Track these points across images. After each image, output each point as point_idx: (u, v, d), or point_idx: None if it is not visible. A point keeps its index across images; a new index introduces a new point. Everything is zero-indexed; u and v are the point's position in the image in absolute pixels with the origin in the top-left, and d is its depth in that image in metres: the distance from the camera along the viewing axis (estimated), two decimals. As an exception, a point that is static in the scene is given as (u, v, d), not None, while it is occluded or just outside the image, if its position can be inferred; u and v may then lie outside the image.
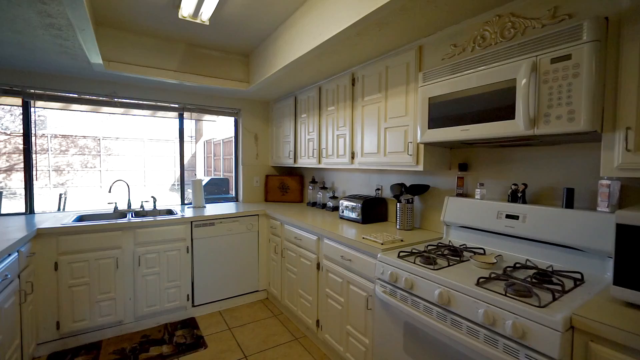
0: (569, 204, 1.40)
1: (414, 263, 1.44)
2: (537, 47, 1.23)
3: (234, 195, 3.74)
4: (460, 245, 1.72)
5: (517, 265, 1.38)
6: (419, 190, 2.06)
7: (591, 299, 1.06)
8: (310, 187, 3.29)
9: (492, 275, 1.25)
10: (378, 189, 2.55)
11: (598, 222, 1.27)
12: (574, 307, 0.99)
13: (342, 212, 2.50)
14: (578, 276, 1.27)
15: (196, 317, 2.72)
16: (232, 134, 3.76)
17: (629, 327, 0.86)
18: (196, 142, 6.08)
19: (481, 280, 1.20)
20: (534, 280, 1.21)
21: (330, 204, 2.96)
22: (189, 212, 2.81)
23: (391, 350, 1.51)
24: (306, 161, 2.94)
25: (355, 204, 2.37)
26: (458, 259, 1.48)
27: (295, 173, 3.79)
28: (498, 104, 1.35)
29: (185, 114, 3.28)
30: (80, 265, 2.25)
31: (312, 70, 2.45)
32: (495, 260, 1.40)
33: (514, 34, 1.37)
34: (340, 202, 2.53)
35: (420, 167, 1.82)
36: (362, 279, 1.78)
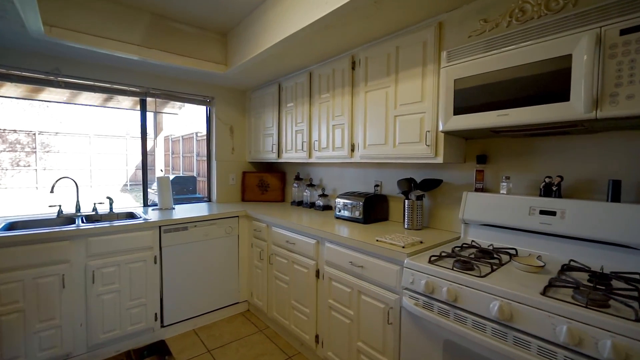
0: (616, 197, 1.27)
1: (453, 269, 1.22)
2: (600, 17, 1.06)
3: (206, 195, 3.30)
4: (487, 246, 1.55)
5: (565, 267, 1.22)
6: (431, 185, 1.87)
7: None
8: (295, 185, 2.98)
9: (556, 283, 1.07)
10: (377, 185, 2.33)
11: (652, 217, 1.15)
12: (675, 320, 0.83)
13: (339, 211, 2.24)
14: (636, 276, 1.13)
15: (167, 339, 2.28)
16: (194, 129, 3.34)
17: None
18: (155, 138, 5.44)
19: (548, 288, 1.01)
20: (598, 286, 1.04)
21: (319, 202, 2.68)
22: (154, 215, 2.36)
23: (425, 374, 1.28)
24: (293, 155, 2.64)
25: (355, 202, 2.12)
26: (498, 262, 1.29)
27: (276, 169, 3.46)
28: (547, 85, 1.17)
29: (149, 102, 2.79)
30: (10, 288, 1.73)
31: (304, 52, 2.15)
32: (544, 263, 1.23)
33: (563, 5, 1.20)
34: (336, 200, 2.27)
35: (440, 159, 1.62)
36: (380, 289, 1.53)
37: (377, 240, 1.60)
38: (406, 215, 1.93)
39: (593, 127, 1.25)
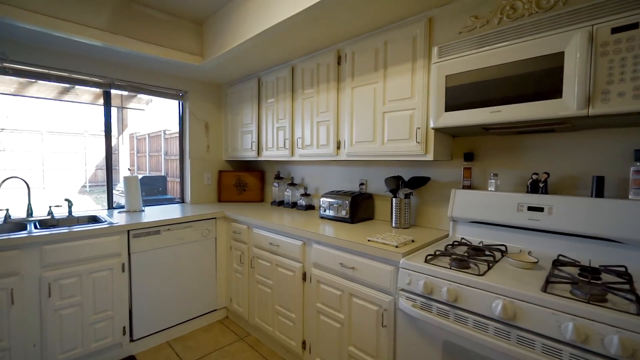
0: (599, 192, 1.31)
1: (451, 268, 1.20)
2: (592, 16, 1.08)
3: (178, 195, 3.08)
4: (478, 243, 1.55)
5: (556, 262, 1.24)
6: (419, 183, 1.85)
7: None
8: (276, 184, 2.87)
9: (553, 279, 1.07)
10: (362, 184, 2.29)
11: (635, 211, 1.20)
12: (673, 312, 0.85)
13: (324, 210, 2.17)
14: (621, 269, 1.17)
15: (137, 354, 2.08)
16: (162, 127, 3.12)
17: None
18: (120, 135, 5.06)
19: (547, 285, 1.01)
20: (593, 280, 1.06)
21: (302, 202, 2.59)
22: (121, 219, 2.15)
23: (422, 377, 1.25)
24: (274, 154, 2.53)
25: (341, 201, 2.06)
26: (492, 259, 1.28)
27: (255, 168, 3.32)
28: (540, 82, 1.18)
29: (114, 96, 2.55)
30: (-56, 307, 1.47)
31: (286, 45, 2.06)
32: (537, 259, 1.23)
33: (554, 4, 1.22)
34: (321, 199, 2.19)
35: (430, 157, 1.59)
36: (373, 291, 1.48)
37: (368, 240, 1.55)
38: (394, 214, 1.90)
39: (581, 125, 1.27)
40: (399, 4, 1.53)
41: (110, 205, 2.59)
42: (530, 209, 1.43)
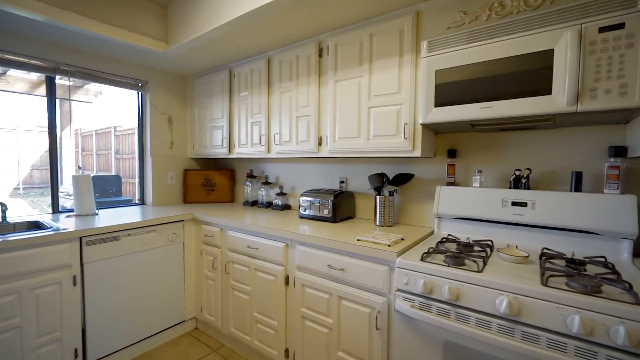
0: (578, 187, 1.38)
1: (450, 266, 1.17)
2: (581, 14, 1.11)
3: (137, 196, 2.78)
4: (465, 239, 1.56)
5: (543, 255, 1.27)
6: (403, 180, 1.83)
7: (657, 285, 0.99)
8: (248, 183, 2.70)
9: (548, 272, 1.08)
10: (342, 182, 2.22)
11: (611, 204, 1.26)
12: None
13: (304, 210, 2.07)
14: (601, 259, 1.22)
15: (92, 379, 1.81)
16: (113, 123, 2.84)
17: None
18: (62, 130, 4.49)
19: (548, 279, 1.01)
20: (582, 272, 1.09)
21: (278, 202, 2.47)
22: (71, 224, 1.86)
23: (421, 379, 1.20)
24: (248, 150, 2.37)
25: (323, 200, 1.98)
26: (485, 255, 1.28)
27: (224, 166, 3.11)
28: (529, 79, 1.20)
29: (58, 86, 2.21)
30: None
31: (262, 34, 1.93)
32: (527, 254, 1.25)
33: (541, 2, 1.24)
34: (301, 198, 2.09)
35: (418, 153, 1.57)
36: (365, 293, 1.41)
37: (358, 240, 1.48)
38: (378, 212, 1.86)
39: (561, 122, 1.32)
40: (387, -5, 1.49)
41: (56, 209, 2.24)
42: (514, 204, 1.47)
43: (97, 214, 2.19)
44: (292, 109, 2.07)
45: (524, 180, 1.49)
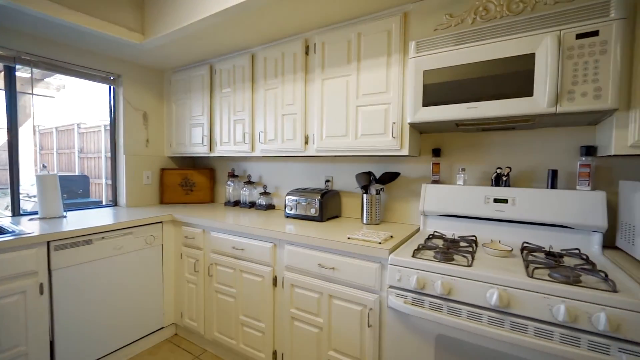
0: (554, 184, 1.46)
1: (440, 262, 1.20)
2: (560, 21, 1.18)
3: (109, 197, 2.62)
4: (451, 235, 1.60)
5: (524, 249, 1.34)
6: (389, 179, 1.86)
7: (633, 274, 1.07)
8: (230, 183, 2.63)
9: (531, 265, 1.14)
10: (328, 181, 2.22)
11: (582, 200, 1.35)
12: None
13: (290, 209, 2.04)
14: (576, 251, 1.31)
15: (62, 395, 1.68)
16: (76, 120, 2.66)
17: None
18: (19, 126, 4.11)
19: (534, 271, 1.06)
20: (561, 264, 1.16)
21: (261, 201, 2.42)
22: (35, 227, 1.72)
23: (414, 374, 1.22)
24: (231, 149, 2.30)
25: (310, 199, 1.96)
26: (472, 250, 1.33)
27: (203, 165, 3.00)
28: (513, 81, 1.25)
29: (18, 78, 2.03)
30: None
31: (246, 29, 1.88)
32: (511, 248, 1.31)
33: (523, 8, 1.30)
34: (287, 197, 2.06)
35: (406, 151, 1.60)
36: (357, 291, 1.42)
37: (349, 238, 1.48)
38: (365, 210, 1.87)
39: (539, 123, 1.40)
40: (376, -5, 1.50)
41: (17, 212, 2.05)
42: (496, 200, 1.53)
43: (65, 217, 2.03)
44: (277, 106, 2.04)
45: (504, 178, 1.56)
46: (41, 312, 1.60)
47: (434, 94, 1.42)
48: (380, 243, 1.40)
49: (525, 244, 1.42)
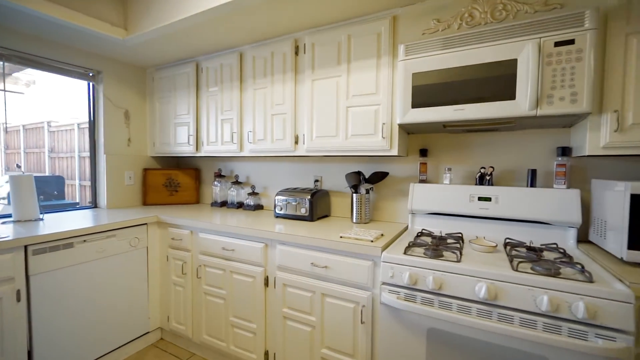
0: (533, 183, 1.55)
1: (431, 258, 1.24)
2: (540, 29, 1.25)
3: (89, 199, 2.51)
4: (439, 233, 1.66)
5: (507, 244, 1.41)
6: (378, 178, 1.90)
7: (606, 265, 1.16)
8: (216, 183, 2.59)
9: (515, 259, 1.20)
10: (317, 181, 2.24)
11: (559, 198, 1.45)
12: (613, 277, 1.04)
13: (280, 209, 2.05)
14: (554, 246, 1.40)
15: (42, 406, 1.60)
16: (45, 117, 2.56)
17: (673, 286, 0.94)
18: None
19: (518, 264, 1.13)
20: (542, 257, 1.23)
21: (249, 202, 2.40)
22: (9, 231, 1.63)
23: (406, 367, 1.26)
24: (218, 149, 2.27)
25: (300, 199, 1.97)
26: (459, 246, 1.39)
27: (187, 165, 2.94)
28: (497, 84, 1.32)
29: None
30: None
31: (237, 28, 1.87)
32: (495, 243, 1.38)
33: (505, 16, 1.38)
34: (276, 197, 2.06)
35: (395, 152, 1.64)
36: (349, 288, 1.44)
37: (341, 237, 1.51)
38: (355, 209, 1.90)
39: (520, 125, 1.48)
40: (363, 0, 1.54)
41: (-12, 215, 1.94)
42: (480, 199, 1.60)
43: (42, 219, 1.94)
44: (266, 106, 2.04)
45: (488, 178, 1.64)
46: (18, 320, 1.52)
47: (422, 96, 1.47)
48: (372, 241, 1.43)
49: (507, 240, 1.50)
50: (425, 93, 1.46)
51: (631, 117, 1.18)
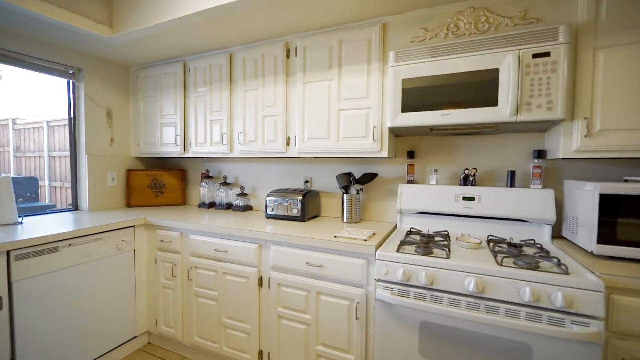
0: (512, 183, 1.66)
1: (423, 255, 1.31)
2: (520, 42, 1.35)
3: (70, 201, 2.42)
4: (426, 231, 1.75)
5: (491, 241, 1.51)
6: (368, 179, 1.96)
7: (578, 259, 1.27)
8: (204, 184, 2.57)
9: (501, 255, 1.30)
10: (307, 181, 2.28)
11: (536, 197, 1.57)
12: (586, 269, 1.15)
13: (272, 210, 2.07)
14: (532, 241, 1.51)
15: (26, 418, 1.54)
16: (11, 114, 2.48)
17: (638, 275, 1.06)
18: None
19: (502, 259, 1.22)
20: (522, 252, 1.33)
21: (239, 202, 2.41)
22: (-10, 236, 1.56)
23: (401, 358, 1.33)
24: (207, 150, 2.26)
25: (292, 200, 2.00)
26: (447, 244, 1.47)
27: (172, 166, 2.89)
28: (480, 91, 1.41)
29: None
30: None
31: (227, 29, 1.87)
32: (480, 240, 1.47)
33: (488, 28, 1.47)
34: (267, 198, 2.08)
35: (385, 154, 1.71)
36: (344, 286, 1.49)
37: (335, 237, 1.55)
38: (345, 209, 1.96)
39: (501, 129, 1.58)
40: (353, 8, 1.59)
41: (-40, 219, 1.83)
42: (464, 198, 1.70)
43: (22, 223, 1.85)
44: (257, 107, 2.05)
45: (471, 178, 1.74)
46: (1, 328, 1.46)
47: (412, 100, 1.54)
48: (365, 240, 1.49)
49: (490, 237, 1.60)
50: (415, 98, 1.54)
51: (599, 124, 1.30)
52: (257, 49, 2.02)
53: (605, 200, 1.21)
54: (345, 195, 1.95)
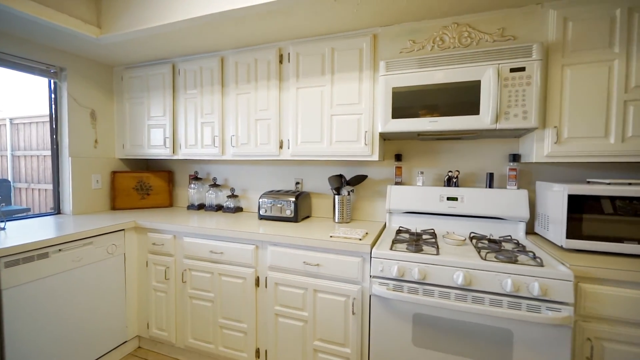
0: (490, 184, 1.82)
1: (415, 252, 1.42)
2: (499, 57, 1.49)
3: (51, 204, 2.33)
4: (415, 230, 1.86)
5: (473, 238, 1.65)
6: (358, 181, 2.05)
7: (550, 252, 1.43)
8: (193, 186, 2.56)
9: (484, 251, 1.43)
10: (298, 183, 2.34)
11: (512, 197, 1.72)
12: (557, 261, 1.30)
13: (265, 211, 2.11)
14: (509, 237, 1.66)
15: None
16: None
17: (601, 265, 1.21)
18: None
19: (486, 255, 1.34)
20: (502, 248, 1.48)
21: (229, 204, 2.43)
22: (-27, 243, 1.50)
23: (396, 349, 1.43)
24: (198, 152, 2.26)
25: (285, 201, 2.06)
26: (434, 241, 1.59)
27: (157, 168, 2.84)
28: (464, 101, 1.54)
29: None
30: None
31: (220, 34, 1.90)
32: (464, 237, 1.61)
33: (470, 42, 1.60)
34: (260, 200, 2.12)
35: (376, 157, 1.81)
36: (340, 283, 1.57)
37: (331, 237, 1.63)
38: (337, 210, 2.04)
39: (481, 135, 1.72)
40: (350, 15, 1.67)
41: None
42: (448, 198, 1.83)
43: (4, 229, 1.79)
44: (250, 111, 2.08)
45: (454, 180, 1.88)
46: (-11, 338, 1.41)
47: (401, 108, 1.65)
48: (360, 239, 1.58)
49: (472, 234, 1.74)
50: (404, 106, 1.64)
51: (566, 132, 1.47)
52: (249, 53, 2.06)
53: (573, 200, 1.37)
54: (337, 196, 2.04)
